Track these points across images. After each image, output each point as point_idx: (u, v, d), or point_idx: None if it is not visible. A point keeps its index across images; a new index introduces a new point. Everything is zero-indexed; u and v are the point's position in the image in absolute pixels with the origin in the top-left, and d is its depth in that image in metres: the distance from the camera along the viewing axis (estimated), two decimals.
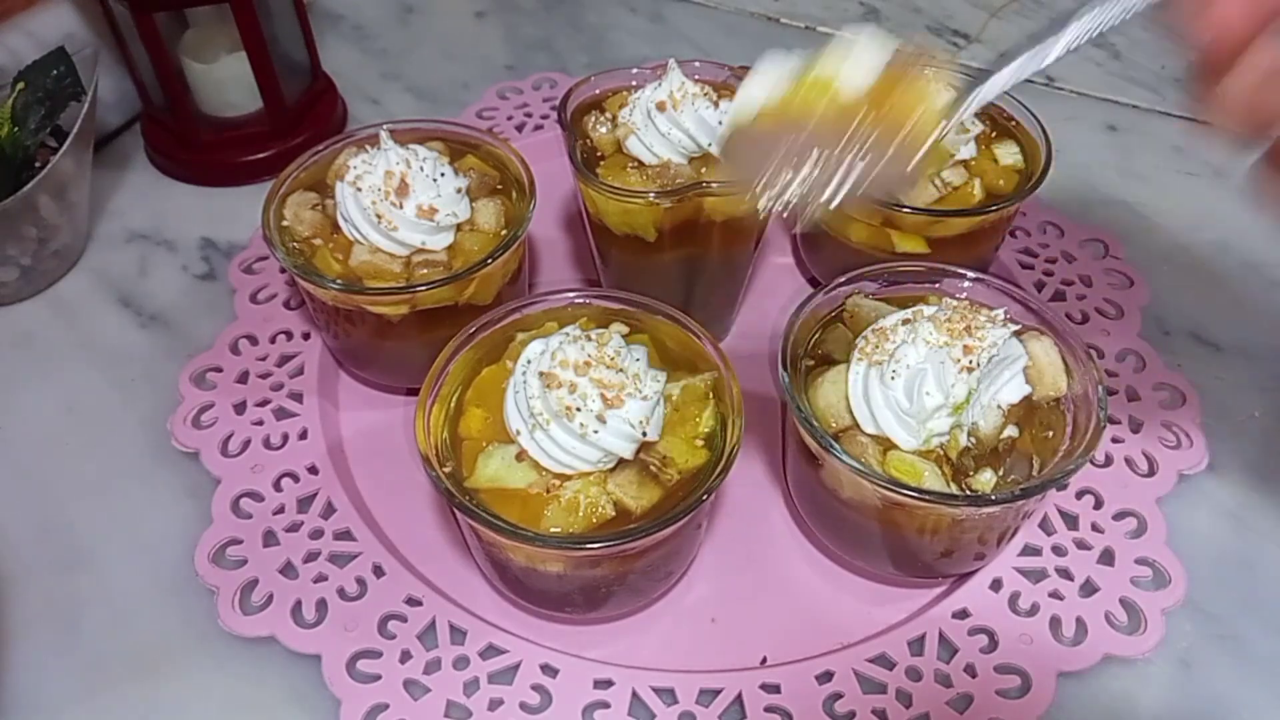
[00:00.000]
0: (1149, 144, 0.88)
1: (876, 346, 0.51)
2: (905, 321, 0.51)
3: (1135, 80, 0.95)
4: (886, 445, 0.50)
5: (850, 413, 0.51)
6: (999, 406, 0.50)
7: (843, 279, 0.57)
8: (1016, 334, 0.52)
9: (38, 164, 0.71)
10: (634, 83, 0.68)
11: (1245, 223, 0.79)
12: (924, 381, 0.48)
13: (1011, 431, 0.51)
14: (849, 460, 0.48)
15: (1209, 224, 0.79)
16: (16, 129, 0.71)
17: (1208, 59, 0.37)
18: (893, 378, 0.49)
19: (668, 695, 0.52)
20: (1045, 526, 0.58)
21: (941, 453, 0.50)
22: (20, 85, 0.72)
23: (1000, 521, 0.51)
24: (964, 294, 0.57)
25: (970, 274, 0.57)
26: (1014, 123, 0.69)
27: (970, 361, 0.49)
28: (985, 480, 0.49)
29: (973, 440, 0.50)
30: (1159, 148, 0.87)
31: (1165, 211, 0.80)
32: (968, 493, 0.49)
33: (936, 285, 0.58)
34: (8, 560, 0.58)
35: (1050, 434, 0.51)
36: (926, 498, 0.47)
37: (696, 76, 0.65)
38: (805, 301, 0.55)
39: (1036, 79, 0.95)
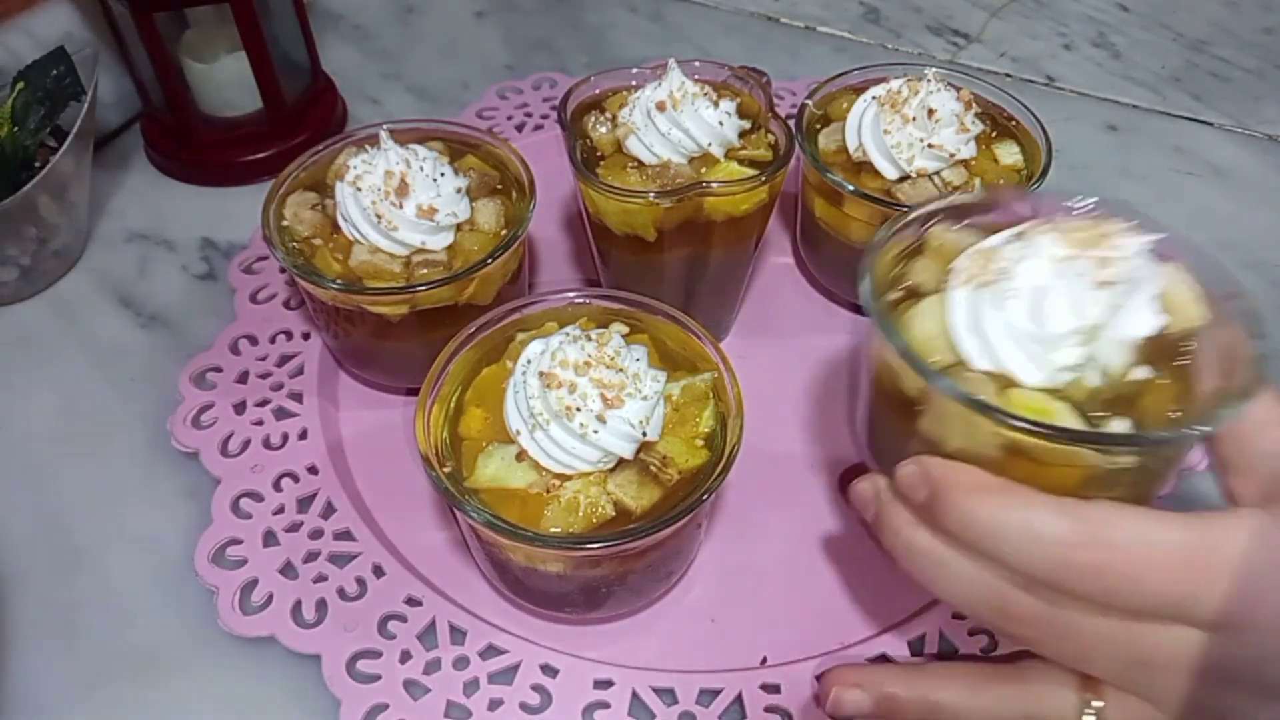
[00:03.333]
0: (1149, 144, 0.88)
1: (984, 267, 0.42)
2: (1018, 237, 0.43)
3: (1135, 80, 0.95)
4: (1004, 382, 0.41)
5: (952, 347, 0.42)
6: (1127, 340, 0.41)
7: (918, 211, 0.48)
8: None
9: (37, 164, 0.71)
10: (634, 82, 0.68)
11: (1245, 223, 0.79)
12: (1052, 300, 0.39)
13: (1142, 372, 0.41)
14: (965, 394, 0.39)
15: (1209, 224, 0.79)
16: (16, 129, 0.71)
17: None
18: (1012, 298, 0.40)
19: (668, 695, 0.52)
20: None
21: (1071, 390, 0.40)
22: (20, 85, 0.72)
23: (1140, 475, 0.41)
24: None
25: (1074, 198, 0.47)
26: (1014, 122, 0.69)
27: (1108, 275, 0.39)
28: (1120, 428, 0.40)
29: (1102, 380, 0.40)
30: (1159, 148, 0.87)
31: (1165, 211, 0.80)
32: (1126, 430, 0.39)
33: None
34: (7, 560, 0.58)
35: (1183, 378, 0.41)
36: (1070, 437, 0.37)
37: (696, 76, 0.65)
38: (881, 236, 0.47)
39: (1036, 79, 0.95)
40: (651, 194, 0.60)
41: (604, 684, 0.52)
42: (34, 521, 0.61)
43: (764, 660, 0.54)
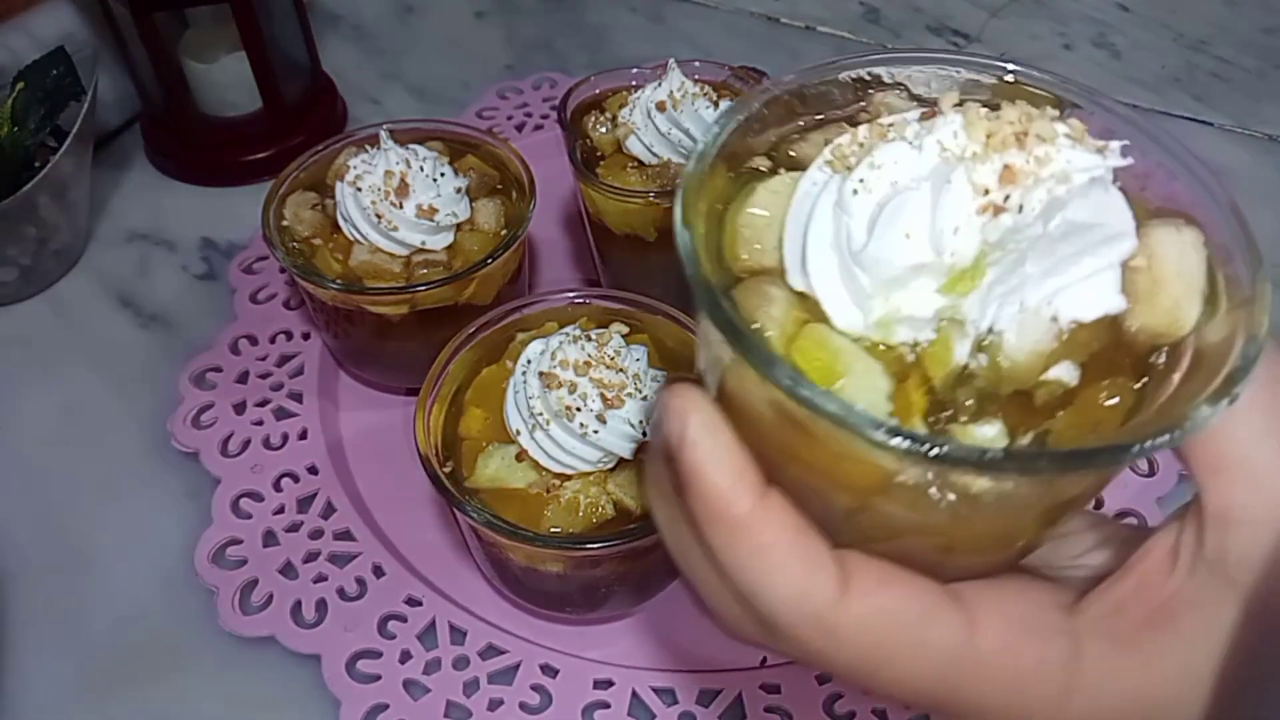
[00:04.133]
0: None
1: (860, 145, 0.27)
2: (928, 116, 0.27)
3: (1135, 80, 0.95)
4: (814, 312, 0.26)
5: (780, 246, 0.28)
6: (1054, 317, 0.25)
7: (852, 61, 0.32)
8: (1140, 213, 0.27)
9: (37, 164, 0.71)
10: (634, 83, 0.68)
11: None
12: (904, 209, 0.25)
13: (1064, 373, 0.26)
14: (718, 310, 0.25)
15: None
16: (16, 129, 0.71)
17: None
18: (855, 192, 0.26)
19: (668, 695, 0.52)
20: None
21: (912, 360, 0.26)
22: (20, 85, 0.72)
23: (988, 511, 0.26)
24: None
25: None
26: None
27: (1005, 196, 0.24)
28: (983, 436, 0.25)
29: (982, 362, 0.26)
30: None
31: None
32: (922, 432, 0.25)
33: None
34: (8, 560, 0.58)
35: (1132, 401, 0.26)
36: (834, 416, 0.23)
37: (696, 76, 0.65)
38: (791, 74, 0.31)
39: None
40: (651, 194, 0.60)
41: (604, 684, 0.52)
42: (34, 521, 0.61)
43: (764, 660, 0.54)
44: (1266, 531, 0.25)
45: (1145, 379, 0.26)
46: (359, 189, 0.58)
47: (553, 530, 0.48)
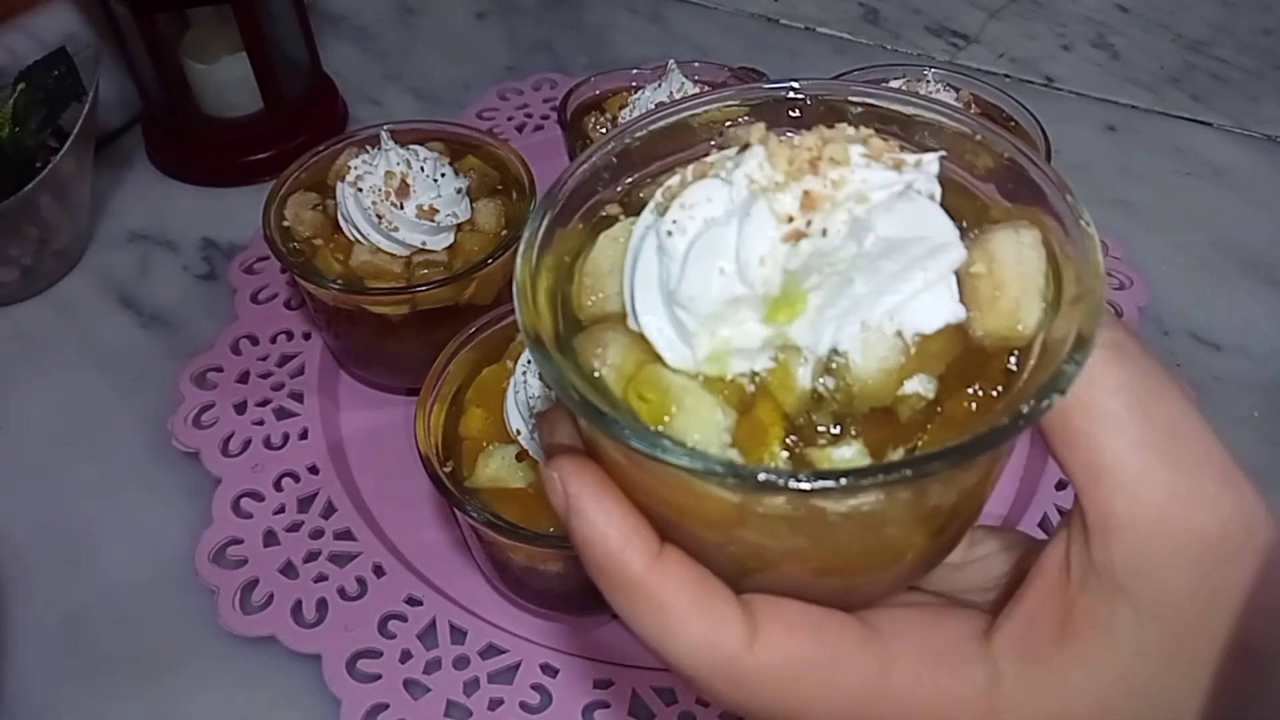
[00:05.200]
0: (1149, 144, 0.88)
1: (684, 185, 0.27)
2: (747, 146, 0.26)
3: (1135, 80, 0.95)
4: (651, 354, 0.27)
5: (621, 291, 0.28)
6: (899, 333, 0.26)
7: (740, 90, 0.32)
8: (985, 219, 0.28)
9: (38, 164, 0.71)
10: (634, 83, 0.68)
11: (1245, 223, 0.79)
12: (714, 244, 0.25)
13: (920, 387, 0.26)
14: (542, 359, 0.27)
15: (1209, 224, 0.80)
16: (17, 129, 0.71)
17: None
18: (670, 234, 0.26)
19: (668, 695, 0.52)
20: (1044, 526, 0.58)
21: (753, 390, 0.26)
22: (21, 86, 0.72)
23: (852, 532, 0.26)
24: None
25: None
26: (1013, 123, 0.69)
27: (806, 222, 0.24)
28: (840, 458, 0.25)
29: (829, 385, 0.26)
30: (1159, 148, 0.87)
31: (1165, 211, 0.80)
32: (725, 461, 0.24)
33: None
34: (8, 560, 0.58)
35: (985, 407, 0.26)
36: (655, 457, 0.23)
37: (696, 77, 0.65)
38: (649, 114, 0.32)
39: (1035, 79, 0.95)
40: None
41: (604, 684, 0.52)
42: (34, 521, 0.61)
43: None
44: (1146, 538, 0.25)
45: (1005, 384, 0.26)
46: (360, 189, 0.58)
47: (553, 530, 0.48)
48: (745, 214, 0.25)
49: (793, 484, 0.22)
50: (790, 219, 0.24)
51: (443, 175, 0.60)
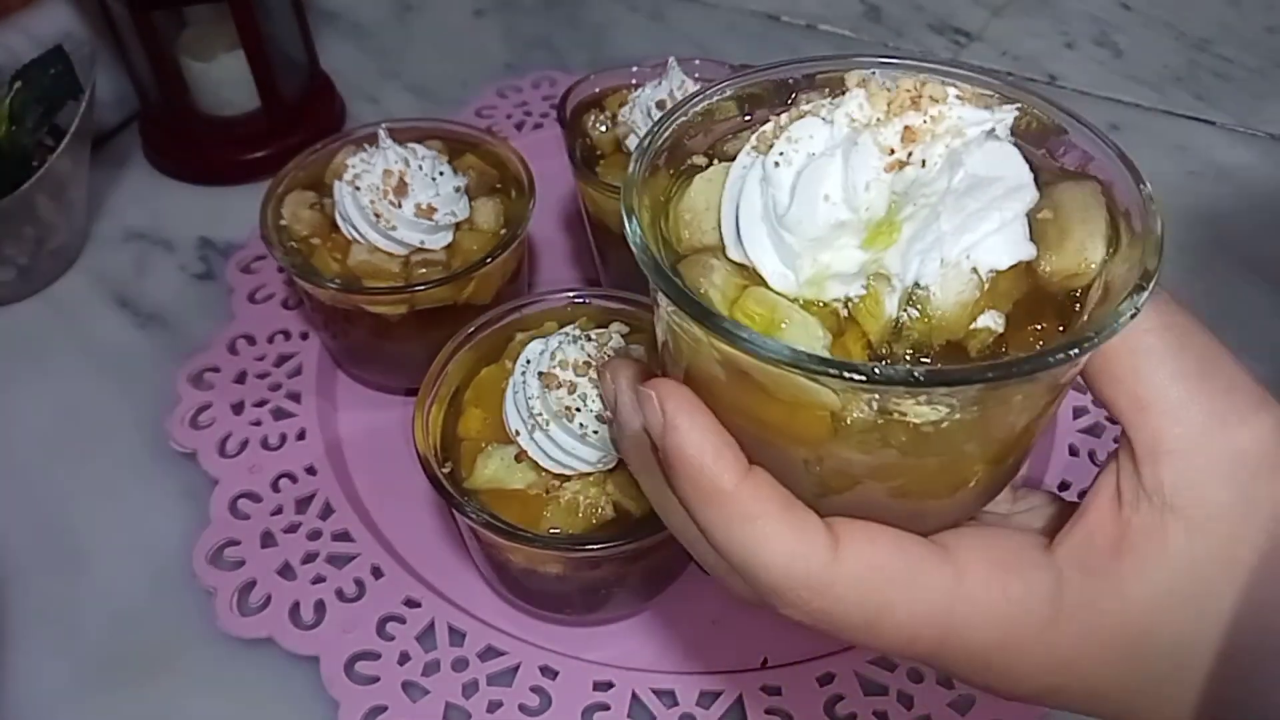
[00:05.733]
0: (1150, 143, 0.87)
1: (781, 129, 0.29)
2: (837, 94, 0.30)
3: (1137, 79, 0.94)
4: (753, 279, 0.29)
5: (718, 226, 0.31)
6: (974, 269, 0.28)
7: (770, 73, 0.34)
8: (1041, 178, 0.29)
9: (35, 163, 0.71)
10: (634, 81, 0.68)
11: (1245, 223, 0.79)
12: (820, 174, 0.27)
13: (991, 321, 0.28)
14: (665, 279, 0.28)
15: (1212, 223, 0.79)
16: (14, 128, 0.71)
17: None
18: (776, 165, 0.28)
19: (668, 697, 0.51)
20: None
21: (846, 316, 0.28)
22: (17, 84, 0.72)
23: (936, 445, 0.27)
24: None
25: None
26: None
27: (907, 154, 0.26)
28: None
29: (913, 315, 0.28)
30: (1160, 147, 0.87)
31: (1168, 210, 0.80)
32: (853, 361, 0.26)
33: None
34: (4, 560, 0.58)
35: (1049, 342, 0.28)
36: (766, 353, 0.25)
37: (696, 75, 0.65)
38: (726, 80, 0.34)
39: (1038, 78, 0.95)
40: None
41: (604, 686, 0.52)
42: (32, 522, 0.60)
43: (765, 662, 0.53)
44: (1191, 458, 0.28)
45: (1065, 322, 0.28)
46: (357, 188, 0.58)
47: (552, 531, 0.47)
48: (851, 145, 0.27)
49: (911, 377, 0.25)
50: (892, 150, 0.27)
51: (441, 174, 0.60)
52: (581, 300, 0.56)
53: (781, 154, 0.28)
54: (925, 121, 0.27)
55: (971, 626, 0.28)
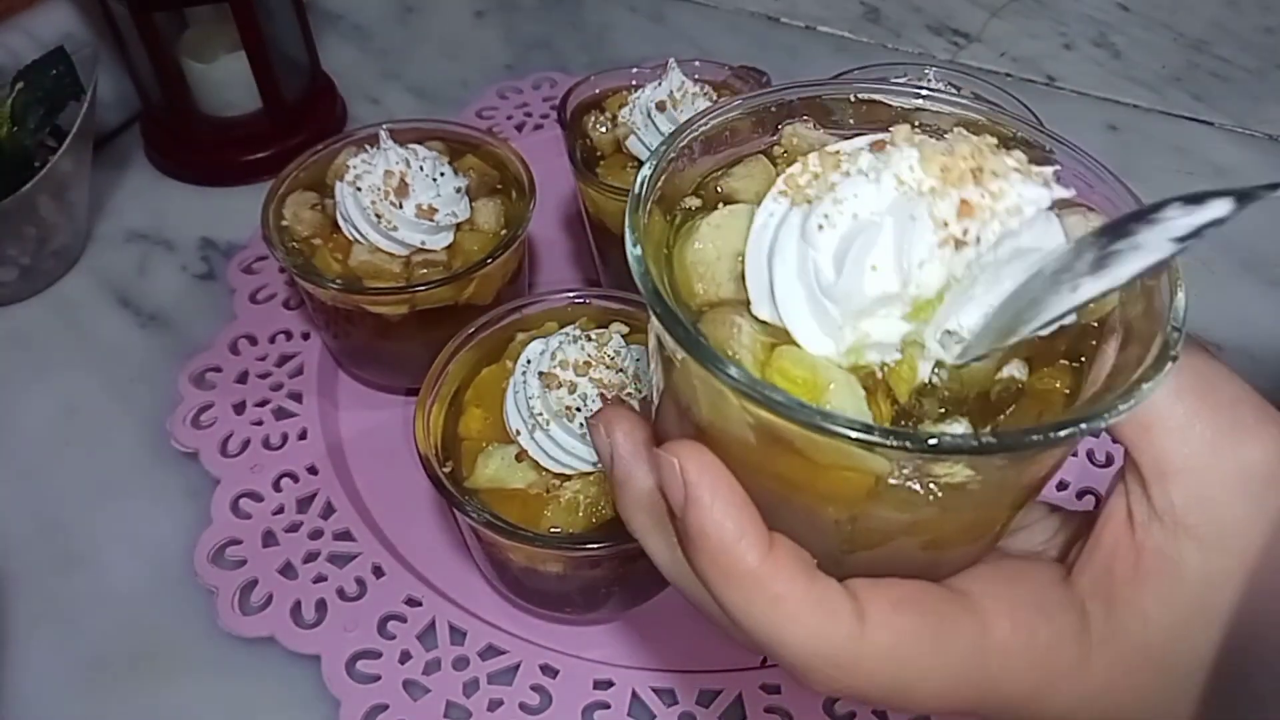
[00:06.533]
0: (1149, 144, 0.88)
1: (816, 177, 0.28)
2: (878, 145, 0.28)
3: (1136, 80, 0.95)
4: (781, 338, 0.28)
5: (739, 277, 0.29)
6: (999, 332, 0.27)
7: (781, 89, 0.33)
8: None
9: (37, 164, 0.71)
10: (634, 82, 0.68)
11: (1245, 223, 0.79)
12: (868, 244, 0.26)
13: (1015, 371, 0.28)
14: (692, 341, 0.26)
15: None
16: (15, 129, 0.71)
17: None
18: (820, 227, 0.26)
19: (668, 696, 0.52)
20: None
21: (880, 379, 0.27)
22: (19, 85, 0.72)
23: (968, 501, 0.28)
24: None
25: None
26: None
27: (964, 230, 0.25)
28: (951, 432, 0.27)
29: (944, 375, 0.28)
30: (1159, 148, 0.87)
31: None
32: (914, 430, 0.26)
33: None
34: (7, 560, 0.58)
35: (1070, 381, 0.29)
36: (831, 428, 0.24)
37: (696, 76, 0.65)
38: (706, 113, 0.33)
39: (1037, 78, 0.95)
40: None
41: (604, 684, 0.52)
42: (33, 521, 0.60)
43: (764, 660, 0.53)
44: (1200, 475, 0.28)
45: (1081, 358, 0.28)
46: (359, 189, 0.58)
47: (552, 530, 0.48)
48: (909, 217, 0.25)
49: (973, 444, 0.25)
50: (946, 224, 0.25)
51: (442, 174, 0.60)
52: (581, 300, 0.57)
53: (826, 216, 0.26)
54: (984, 197, 0.25)
55: (1006, 679, 0.28)
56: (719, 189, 0.32)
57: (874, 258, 0.26)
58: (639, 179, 0.30)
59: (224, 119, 0.83)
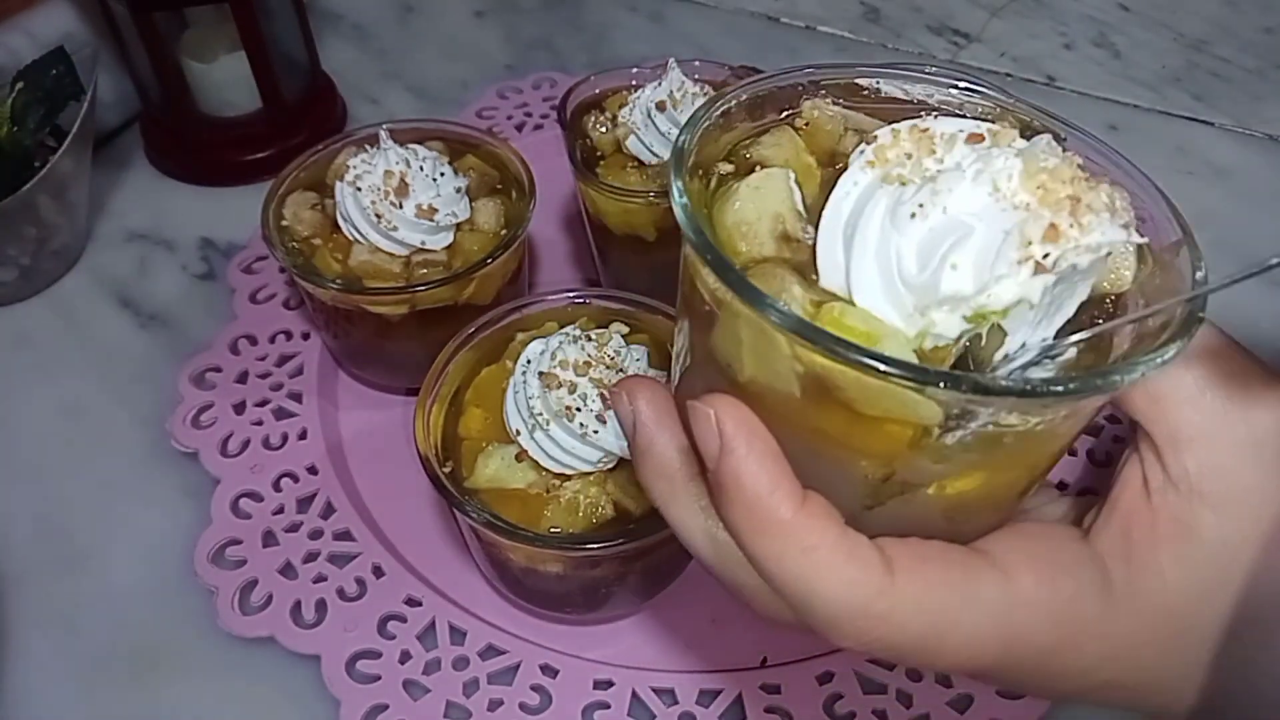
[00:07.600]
0: (1149, 144, 0.88)
1: (909, 155, 0.28)
2: (975, 137, 0.29)
3: (1136, 80, 0.95)
4: (827, 297, 0.29)
5: (779, 237, 0.30)
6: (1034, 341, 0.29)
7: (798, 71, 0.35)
8: None
9: (37, 164, 0.71)
10: (634, 82, 0.68)
11: (1246, 223, 0.79)
12: (960, 244, 0.26)
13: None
14: (755, 292, 0.26)
15: (1209, 224, 0.79)
16: (15, 129, 0.71)
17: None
18: (913, 216, 0.27)
19: (668, 696, 0.52)
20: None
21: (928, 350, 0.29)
22: (19, 85, 0.72)
23: (1001, 452, 0.29)
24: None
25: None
26: None
27: (1045, 254, 0.26)
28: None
29: (969, 344, 0.28)
30: (1159, 148, 0.87)
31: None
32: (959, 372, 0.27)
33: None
34: (7, 560, 0.58)
35: (1093, 357, 0.30)
36: (892, 370, 0.25)
37: (696, 76, 0.65)
38: (735, 87, 0.34)
39: (1037, 78, 0.95)
40: (651, 194, 0.60)
41: (604, 684, 0.52)
42: (34, 521, 0.60)
43: (764, 660, 0.54)
44: (1212, 441, 0.29)
45: (1099, 314, 0.30)
46: (359, 189, 0.58)
47: (552, 530, 0.48)
48: (999, 228, 0.26)
49: (1024, 387, 0.25)
50: (1030, 243, 0.26)
51: (442, 174, 0.60)
52: (581, 300, 0.57)
53: (921, 206, 0.27)
54: (1072, 227, 0.26)
55: (1031, 630, 0.28)
56: (748, 155, 0.34)
57: (956, 255, 0.26)
58: (679, 141, 0.31)
59: (224, 119, 0.83)
